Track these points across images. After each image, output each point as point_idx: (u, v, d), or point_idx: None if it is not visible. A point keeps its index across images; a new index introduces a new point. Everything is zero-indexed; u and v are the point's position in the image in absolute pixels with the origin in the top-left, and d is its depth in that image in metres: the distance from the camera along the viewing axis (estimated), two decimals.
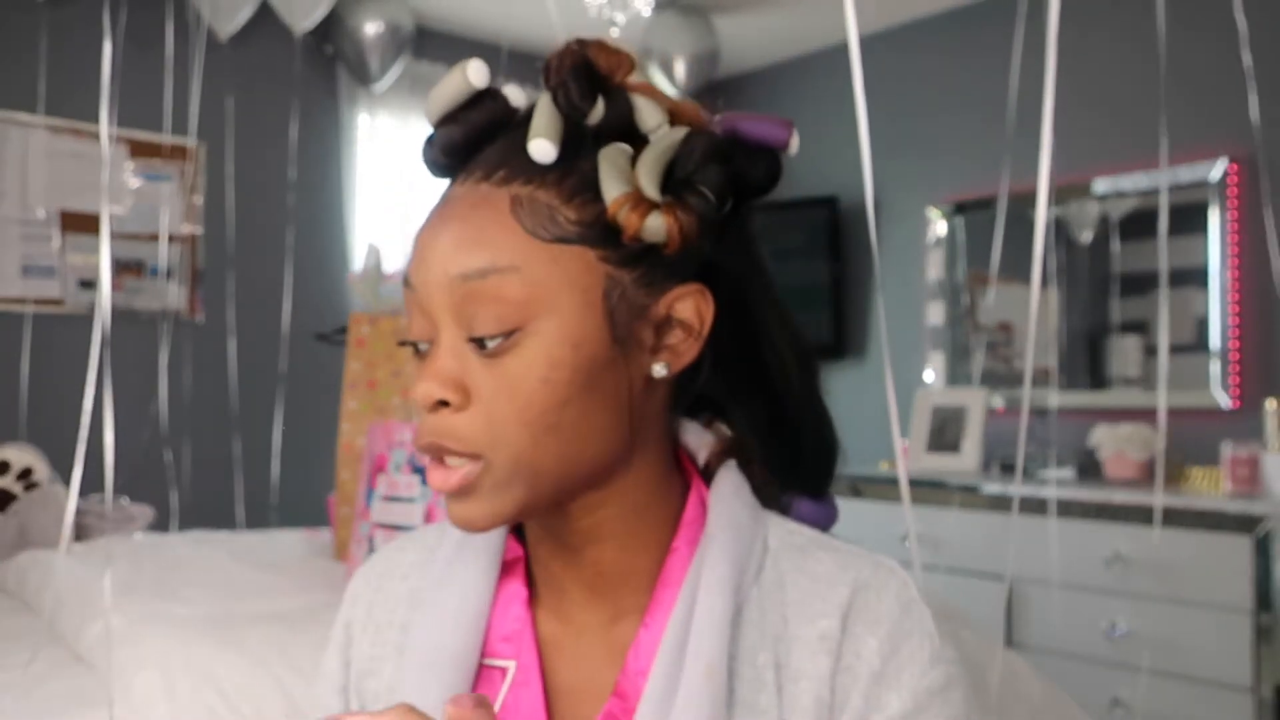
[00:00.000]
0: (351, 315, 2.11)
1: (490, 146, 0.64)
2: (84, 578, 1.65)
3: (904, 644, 0.63)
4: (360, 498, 1.71)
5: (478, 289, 0.60)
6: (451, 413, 0.61)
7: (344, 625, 0.77)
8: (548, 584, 0.70)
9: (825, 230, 3.99)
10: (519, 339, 0.60)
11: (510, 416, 0.61)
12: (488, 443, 0.61)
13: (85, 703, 1.33)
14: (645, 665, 0.65)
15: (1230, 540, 2.53)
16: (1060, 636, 2.81)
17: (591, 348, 0.62)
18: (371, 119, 3.86)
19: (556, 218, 0.61)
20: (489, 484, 0.62)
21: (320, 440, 3.12)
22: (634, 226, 0.60)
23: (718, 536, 0.66)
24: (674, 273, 0.64)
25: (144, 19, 2.57)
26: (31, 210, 3.23)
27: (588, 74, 0.62)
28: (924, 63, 3.78)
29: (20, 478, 2.25)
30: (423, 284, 0.62)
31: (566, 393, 0.61)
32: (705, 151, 0.63)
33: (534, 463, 0.62)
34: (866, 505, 3.39)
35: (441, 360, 0.62)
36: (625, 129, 0.64)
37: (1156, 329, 3.23)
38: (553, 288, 0.60)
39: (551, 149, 0.60)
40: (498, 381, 0.61)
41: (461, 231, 0.61)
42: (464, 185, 0.64)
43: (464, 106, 0.65)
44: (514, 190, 0.61)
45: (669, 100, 0.66)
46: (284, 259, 3.28)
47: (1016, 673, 1.80)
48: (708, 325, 0.65)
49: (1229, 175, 3.06)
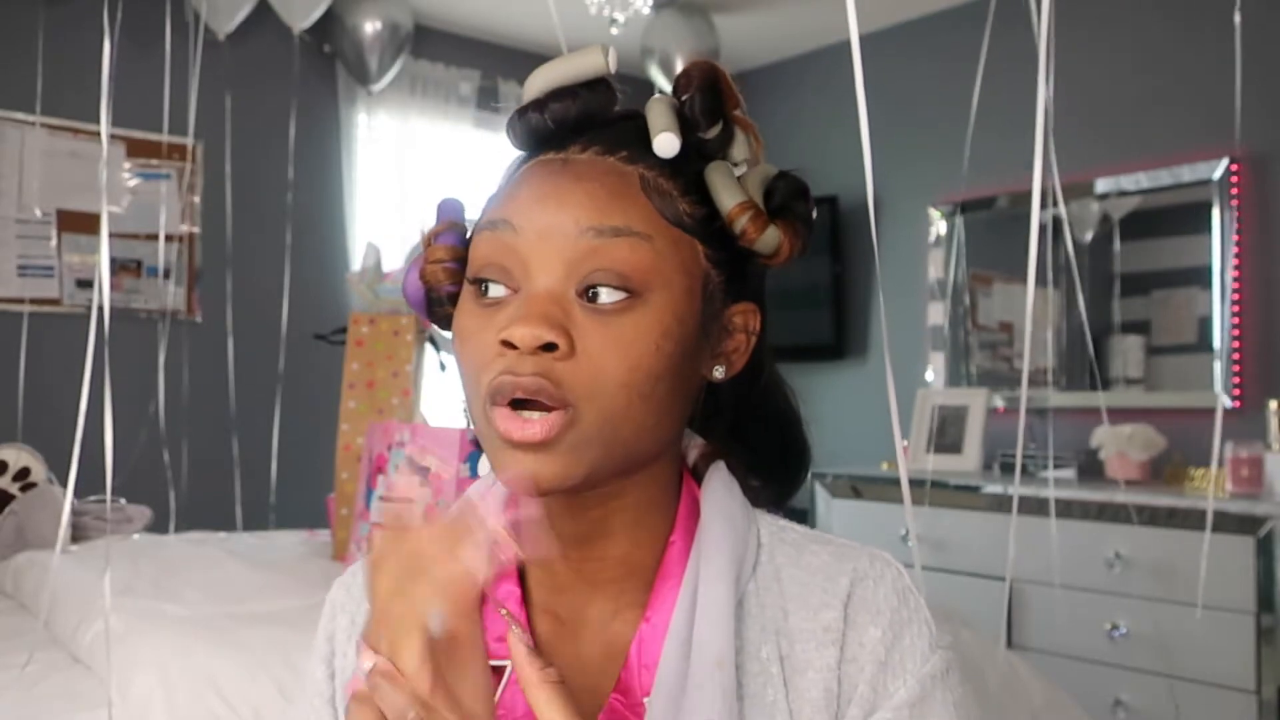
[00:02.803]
0: (351, 315, 2.10)
1: (602, 128, 0.66)
2: (81, 579, 1.65)
3: (905, 632, 0.65)
4: (359, 498, 1.70)
5: (607, 246, 0.62)
6: (555, 359, 0.60)
7: (326, 637, 0.77)
8: (544, 583, 0.71)
9: (825, 230, 3.98)
10: (635, 303, 0.62)
11: (619, 375, 0.61)
12: (586, 394, 0.61)
13: (83, 704, 1.32)
14: (649, 660, 0.65)
15: (1232, 541, 2.52)
16: (1061, 637, 2.80)
17: (690, 329, 0.64)
18: (370, 118, 3.85)
19: (677, 206, 0.65)
20: (571, 440, 0.61)
21: (319, 440, 3.12)
22: (754, 233, 0.66)
23: (714, 531, 0.67)
24: (742, 288, 0.69)
25: (141, 18, 2.56)
26: (29, 209, 3.22)
27: (715, 93, 0.67)
28: (924, 63, 3.78)
29: (17, 478, 2.25)
30: (533, 229, 0.62)
31: (668, 365, 0.63)
32: (794, 189, 0.69)
33: (619, 427, 0.62)
34: (866, 505, 3.39)
35: (545, 304, 0.61)
36: (721, 154, 0.69)
37: (1158, 329, 3.23)
38: (673, 266, 0.64)
39: (677, 143, 0.64)
40: (608, 339, 0.61)
41: (598, 189, 0.63)
42: (587, 154, 0.65)
43: (585, 85, 0.66)
44: (640, 171, 0.65)
45: (758, 142, 0.71)
46: (283, 258, 3.27)
47: (1017, 673, 1.79)
48: (754, 340, 0.70)
49: (1231, 174, 3.06)
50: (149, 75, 2.68)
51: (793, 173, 0.71)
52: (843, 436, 3.75)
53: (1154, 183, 3.20)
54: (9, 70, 3.16)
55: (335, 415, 2.03)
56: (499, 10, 3.79)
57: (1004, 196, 3.54)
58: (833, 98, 4.04)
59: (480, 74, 4.07)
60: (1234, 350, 3.04)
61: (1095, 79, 3.29)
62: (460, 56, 4.06)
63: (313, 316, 3.26)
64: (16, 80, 3.14)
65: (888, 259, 3.85)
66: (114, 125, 2.77)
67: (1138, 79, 3.19)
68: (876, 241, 1.05)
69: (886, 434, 4.18)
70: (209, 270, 3.51)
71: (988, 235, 3.67)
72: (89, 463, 1.38)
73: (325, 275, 3.70)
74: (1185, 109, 3.11)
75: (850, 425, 3.73)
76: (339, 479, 1.98)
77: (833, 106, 4.02)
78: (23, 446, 2.31)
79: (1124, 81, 3.26)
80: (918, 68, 3.79)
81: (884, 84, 3.64)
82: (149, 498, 2.52)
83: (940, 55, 3.73)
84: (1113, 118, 3.29)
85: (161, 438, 2.79)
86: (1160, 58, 3.22)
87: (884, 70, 3.69)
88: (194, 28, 2.95)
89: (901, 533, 3.23)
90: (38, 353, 3.05)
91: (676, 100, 0.67)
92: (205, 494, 3.04)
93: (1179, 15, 3.15)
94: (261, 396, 3.14)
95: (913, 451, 3.46)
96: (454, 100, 4.03)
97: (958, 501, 3.09)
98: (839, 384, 3.95)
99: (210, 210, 3.51)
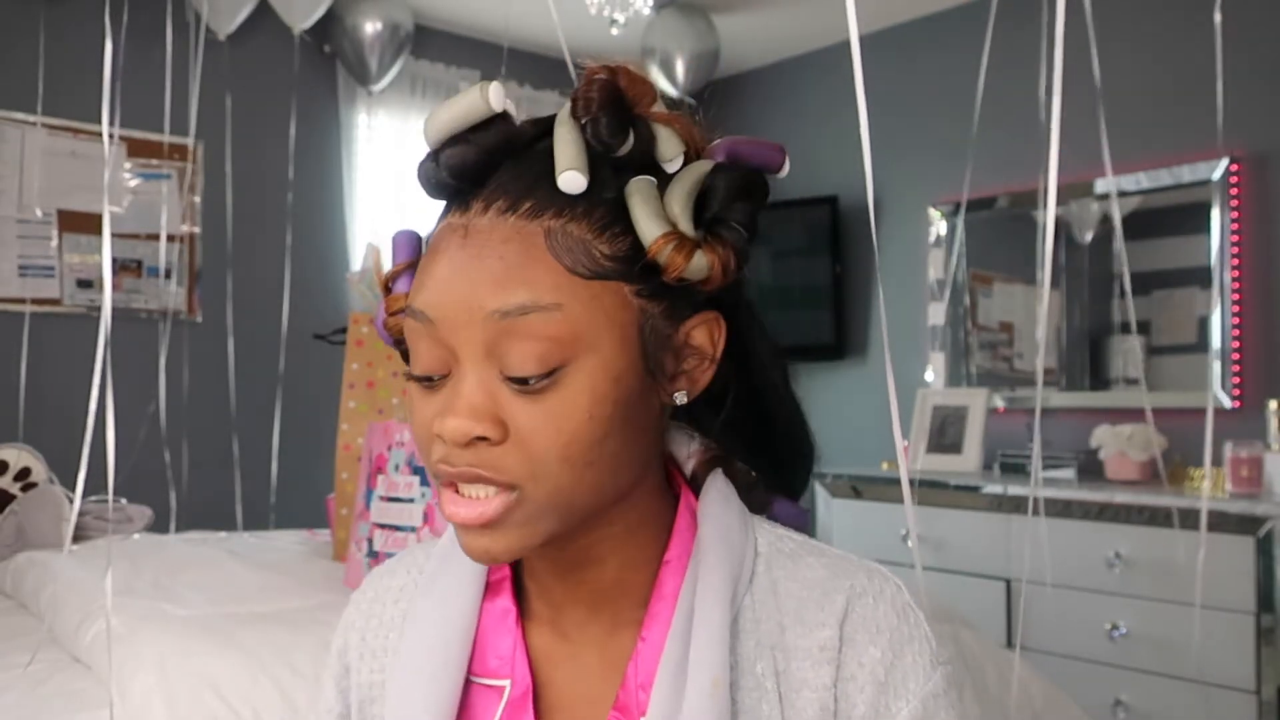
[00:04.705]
0: (351, 315, 2.10)
1: (504, 173, 0.62)
2: (82, 579, 1.64)
3: (906, 650, 0.64)
4: (359, 498, 1.70)
5: (516, 326, 0.58)
6: (488, 447, 0.60)
7: (338, 654, 0.77)
8: (542, 599, 0.70)
9: (825, 230, 3.98)
10: (561, 376, 0.59)
11: (554, 452, 0.59)
12: (528, 475, 0.60)
13: (84, 704, 1.32)
14: (645, 679, 0.65)
15: (1232, 541, 2.52)
16: (1061, 637, 2.80)
17: (629, 381, 0.61)
18: (370, 118, 3.85)
19: (592, 253, 0.60)
20: (520, 517, 0.61)
21: (319, 440, 3.12)
22: (678, 267, 0.60)
23: (711, 548, 0.66)
24: (693, 302, 0.64)
25: (142, 18, 2.57)
26: (29, 209, 3.22)
27: (618, 108, 0.61)
28: (924, 62, 3.78)
29: (18, 478, 2.25)
30: (445, 318, 0.60)
31: (608, 427, 0.60)
32: (733, 188, 0.63)
33: (571, 498, 0.61)
34: (867, 505, 3.39)
35: (471, 395, 0.60)
36: (646, 159, 0.63)
37: (1158, 329, 3.23)
38: (594, 324, 0.60)
39: (582, 180, 0.59)
40: (539, 418, 0.59)
41: (498, 267, 0.59)
42: (487, 217, 0.60)
43: (475, 127, 0.62)
44: (546, 224, 0.60)
45: (685, 127, 0.65)
46: (283, 258, 3.27)
47: (1017, 673, 1.79)
48: (720, 350, 0.66)
49: (1231, 174, 3.06)
50: (149, 75, 2.68)
51: (735, 162, 0.65)
52: (843, 436, 3.75)
53: (1154, 183, 3.20)
54: (9, 70, 3.16)
55: (335, 415, 2.03)
56: (499, 10, 3.78)
57: (1004, 196, 3.54)
58: (833, 98, 4.04)
59: (480, 74, 4.07)
60: (1234, 350, 3.04)
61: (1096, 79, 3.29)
62: (460, 56, 4.06)
63: (313, 316, 3.27)
64: (17, 80, 3.14)
65: (888, 259, 3.85)
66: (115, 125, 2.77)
67: (1138, 79, 3.19)
68: (877, 241, 1.05)
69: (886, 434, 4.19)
70: (209, 270, 3.51)
71: (988, 235, 3.67)
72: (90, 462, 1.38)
73: (325, 275, 3.70)
74: (1185, 109, 3.11)
75: (850, 425, 3.73)
76: (339, 479, 1.98)
77: (833, 106, 4.02)
78: (23, 446, 2.31)
79: (1124, 81, 3.25)
80: (918, 68, 3.79)
81: (884, 84, 3.64)
82: (149, 498, 2.52)
83: (940, 55, 3.73)
84: (1113, 118, 3.29)
85: (162, 438, 2.79)
86: (1160, 58, 3.22)
87: (884, 70, 3.70)
88: (194, 28, 2.95)
89: (901, 533, 3.23)
90: (38, 353, 3.05)
91: (580, 125, 0.61)
92: (206, 494, 3.04)
93: (1179, 15, 3.15)
94: (261, 396, 3.14)
95: (912, 451, 3.47)
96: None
97: (957, 501, 3.09)
98: (839, 384, 3.95)
99: (210, 210, 3.51)
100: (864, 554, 0.70)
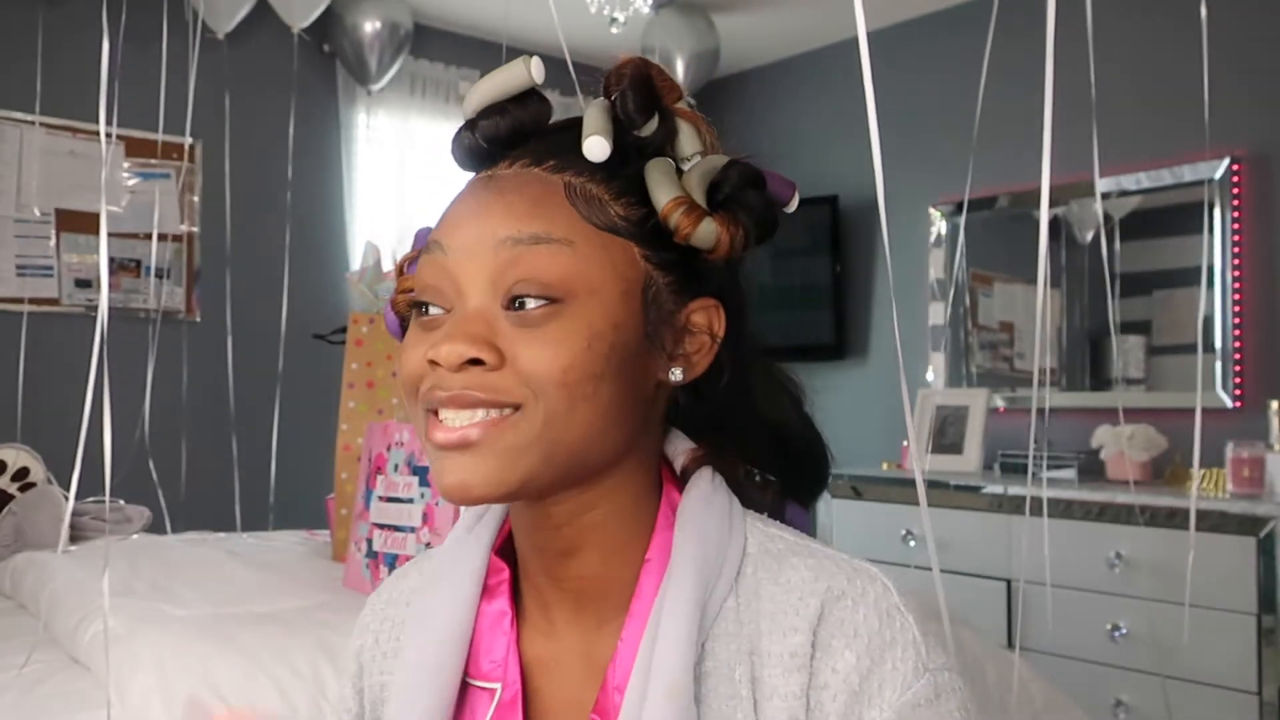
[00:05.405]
0: (350, 315, 2.10)
1: (534, 142, 0.66)
2: (80, 579, 1.64)
3: (885, 656, 0.61)
4: (359, 498, 1.70)
5: (526, 254, 0.61)
6: (484, 371, 0.61)
7: (354, 655, 0.78)
8: (534, 600, 0.71)
9: (826, 230, 3.98)
10: (560, 309, 0.61)
11: (553, 375, 0.60)
12: (527, 394, 0.61)
13: (82, 704, 1.32)
14: (621, 681, 0.65)
15: (1233, 541, 2.52)
16: (1062, 638, 2.80)
17: (627, 334, 0.63)
18: (370, 118, 3.85)
19: (607, 210, 0.63)
20: (506, 442, 0.61)
21: (319, 440, 3.11)
22: (688, 228, 0.63)
23: (680, 549, 0.65)
24: (698, 286, 0.66)
25: (140, 17, 2.56)
26: (27, 209, 3.22)
27: (646, 89, 0.65)
28: (924, 62, 3.77)
29: (16, 478, 2.24)
30: (459, 247, 0.63)
31: (605, 365, 0.61)
32: (746, 178, 0.66)
33: (563, 430, 0.61)
34: (867, 505, 3.38)
35: (469, 323, 0.61)
36: (665, 150, 0.67)
37: (1158, 329, 3.22)
38: (601, 270, 0.62)
39: (606, 146, 0.63)
40: (536, 345, 0.61)
41: (516, 201, 0.62)
42: (511, 168, 0.65)
43: (514, 100, 0.66)
44: (567, 179, 0.63)
45: (707, 129, 0.68)
46: (282, 258, 3.27)
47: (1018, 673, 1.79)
48: (719, 338, 0.67)
49: (1231, 174, 3.05)
50: (148, 75, 2.67)
51: (745, 160, 0.68)
52: (843, 437, 3.74)
53: (1154, 183, 3.19)
54: (9, 70, 3.15)
55: (335, 415, 2.03)
56: (498, 9, 3.78)
57: (1004, 196, 3.53)
58: (833, 97, 4.04)
59: (480, 74, 4.06)
60: (1234, 350, 3.04)
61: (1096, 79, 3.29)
62: (460, 56, 4.06)
63: (312, 316, 3.26)
64: (16, 80, 3.14)
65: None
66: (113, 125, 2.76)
67: (1138, 79, 3.18)
68: (887, 239, 1.05)
69: (887, 434, 4.19)
70: (208, 270, 3.50)
71: (988, 235, 3.67)
72: (88, 463, 1.37)
73: (325, 275, 3.69)
74: (1185, 109, 3.11)
75: (850, 425, 3.72)
76: (338, 479, 1.97)
77: (833, 106, 4.01)
78: (21, 446, 2.31)
79: (1124, 81, 3.25)
80: (918, 67, 3.79)
81: (884, 83, 3.62)
82: (147, 498, 2.52)
83: (940, 55, 3.72)
84: (1113, 118, 3.28)
85: (145, 438, 2.78)
86: (1161, 57, 3.21)
87: (884, 70, 3.68)
88: (193, 27, 2.94)
89: (902, 533, 3.23)
90: (36, 353, 3.04)
91: (609, 101, 0.65)
92: (204, 494, 3.04)
93: (1179, 14, 3.15)
94: (261, 396, 3.13)
95: (912, 451, 3.46)
96: (454, 100, 4.02)
97: (958, 501, 3.09)
98: (839, 384, 3.95)
99: (209, 210, 3.50)
100: (864, 555, 0.69)
